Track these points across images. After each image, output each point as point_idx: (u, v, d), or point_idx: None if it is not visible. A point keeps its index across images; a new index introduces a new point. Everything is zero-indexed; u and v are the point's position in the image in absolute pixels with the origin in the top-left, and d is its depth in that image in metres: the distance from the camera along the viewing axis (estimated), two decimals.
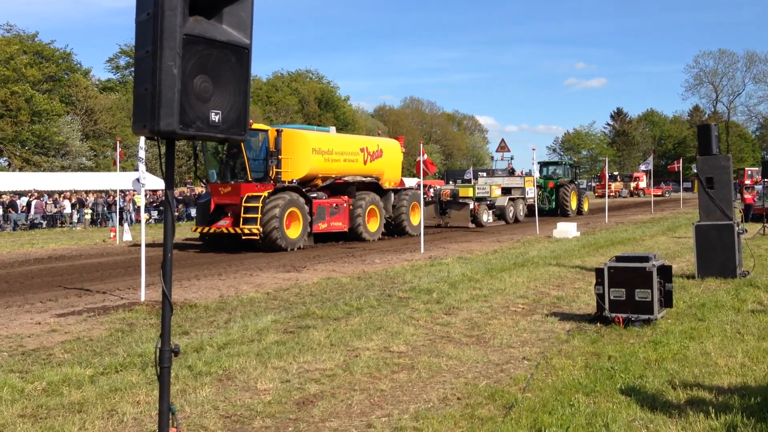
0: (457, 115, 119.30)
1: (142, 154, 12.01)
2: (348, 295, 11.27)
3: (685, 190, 57.38)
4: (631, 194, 73.10)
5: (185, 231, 27.79)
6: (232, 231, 19.29)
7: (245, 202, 19.11)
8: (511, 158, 40.17)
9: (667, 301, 8.66)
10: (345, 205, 22.27)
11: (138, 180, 12.01)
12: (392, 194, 24.64)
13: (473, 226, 29.23)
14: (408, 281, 12.76)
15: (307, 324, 8.90)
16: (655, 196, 53.08)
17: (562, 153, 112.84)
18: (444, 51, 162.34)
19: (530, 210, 36.97)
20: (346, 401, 5.82)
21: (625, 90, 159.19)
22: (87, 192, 39.34)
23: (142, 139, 11.66)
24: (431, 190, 49.14)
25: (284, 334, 8.38)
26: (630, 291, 8.40)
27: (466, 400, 5.79)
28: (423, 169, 19.85)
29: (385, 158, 24.68)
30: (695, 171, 14.46)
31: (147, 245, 12.75)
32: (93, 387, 6.19)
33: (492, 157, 42.36)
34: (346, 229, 22.27)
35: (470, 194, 29.80)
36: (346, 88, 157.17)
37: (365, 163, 23.59)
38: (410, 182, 47.78)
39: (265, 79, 79.79)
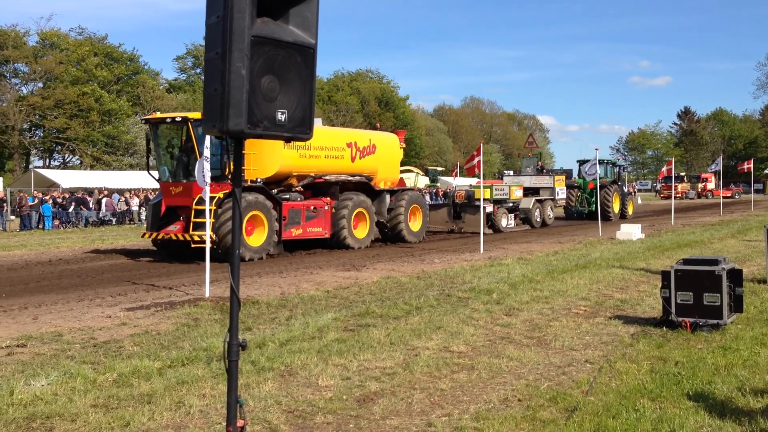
0: (517, 114, 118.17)
1: (207, 153, 12.24)
2: (407, 295, 11.29)
3: (756, 191, 55.44)
4: (699, 196, 70.86)
5: (132, 236, 26.00)
6: (181, 237, 16.81)
7: (196, 204, 16.41)
8: (540, 155, 37.32)
9: (737, 305, 8.38)
10: (326, 207, 19.46)
11: (202, 174, 12.18)
12: (387, 196, 21.65)
13: (490, 231, 25.85)
14: (467, 281, 12.70)
15: (367, 322, 8.96)
16: (724, 197, 51.31)
17: (626, 153, 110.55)
18: (504, 49, 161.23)
19: (567, 213, 34.46)
20: (407, 400, 5.84)
21: (692, 88, 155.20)
22: (154, 190, 40.51)
23: (208, 138, 11.92)
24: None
25: (344, 332, 8.46)
26: (698, 295, 8.16)
27: (527, 401, 5.73)
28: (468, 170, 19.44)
29: (379, 155, 21.53)
30: (767, 172, 13.93)
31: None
32: (161, 379, 6.38)
33: (528, 153, 38.31)
34: (327, 236, 19.58)
35: (487, 196, 26.26)
36: (405, 87, 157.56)
37: (353, 160, 20.58)
38: (468, 183, 47.28)
39: (326, 79, 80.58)
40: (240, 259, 13.35)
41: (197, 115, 16.89)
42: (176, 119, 17.29)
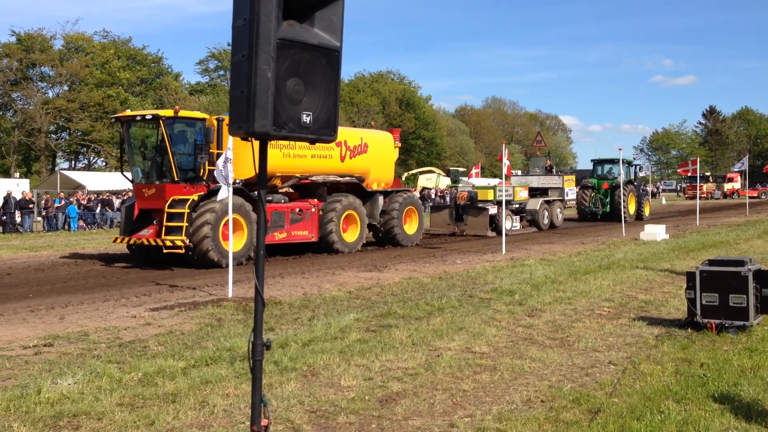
0: (539, 114, 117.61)
1: (230, 155, 12.30)
2: (429, 295, 11.29)
3: None
4: (725, 196, 69.94)
5: (100, 240, 24.97)
6: (153, 243, 15.99)
7: (169, 207, 15.79)
8: (548, 154, 36.16)
9: (763, 307, 8.27)
10: (313, 210, 18.54)
11: (223, 176, 12.19)
12: (380, 197, 20.67)
13: (493, 234, 24.80)
14: (489, 282, 12.67)
15: (389, 323, 8.98)
16: (750, 197, 50.58)
17: (650, 153, 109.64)
18: (525, 50, 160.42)
19: (580, 214, 33.22)
20: (429, 400, 5.85)
21: (716, 87, 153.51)
22: None
23: (231, 140, 11.99)
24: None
25: (366, 332, 8.48)
26: (724, 296, 8.07)
27: (550, 403, 5.72)
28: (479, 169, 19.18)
29: (372, 154, 20.47)
30: None
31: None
32: (185, 379, 6.45)
33: (543, 155, 36.56)
34: (314, 239, 18.68)
35: (490, 197, 25.62)
36: (426, 88, 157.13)
37: (343, 159, 19.53)
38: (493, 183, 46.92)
39: (347, 80, 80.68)
40: (213, 265, 12.73)
41: (169, 112, 16.50)
42: (146, 117, 16.73)
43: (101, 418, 5.43)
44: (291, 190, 19.10)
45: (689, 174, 33.05)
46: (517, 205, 26.81)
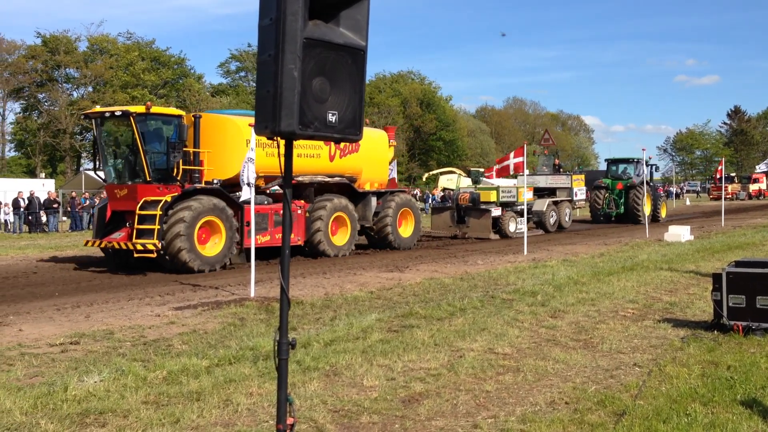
0: (561, 115, 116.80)
1: (252, 155, 12.36)
2: (451, 296, 11.27)
3: None
4: (750, 197, 68.93)
5: (67, 243, 23.99)
6: (124, 246, 15.27)
7: (140, 209, 15.02)
8: (556, 153, 35.28)
9: None
10: (299, 211, 17.72)
11: (247, 177, 12.21)
12: (373, 198, 19.76)
13: (496, 237, 24.15)
14: (511, 283, 12.61)
15: (411, 323, 8.97)
16: None
17: (674, 153, 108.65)
18: (547, 50, 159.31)
19: (593, 215, 32.31)
20: (452, 401, 5.83)
21: (741, 87, 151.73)
22: None
23: (253, 139, 12.05)
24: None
25: (388, 332, 8.48)
26: (751, 298, 7.96)
27: (574, 404, 5.68)
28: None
29: (363, 153, 19.39)
30: None
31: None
32: (209, 377, 6.49)
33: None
34: (300, 242, 17.89)
35: (493, 198, 24.49)
36: (446, 89, 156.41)
37: (332, 159, 18.62)
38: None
39: (368, 81, 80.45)
40: (188, 270, 12.78)
41: (141, 108, 15.67)
42: (116, 113, 15.78)
43: (127, 416, 5.48)
44: (279, 190, 17.98)
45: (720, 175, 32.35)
46: (525, 206, 26.20)
